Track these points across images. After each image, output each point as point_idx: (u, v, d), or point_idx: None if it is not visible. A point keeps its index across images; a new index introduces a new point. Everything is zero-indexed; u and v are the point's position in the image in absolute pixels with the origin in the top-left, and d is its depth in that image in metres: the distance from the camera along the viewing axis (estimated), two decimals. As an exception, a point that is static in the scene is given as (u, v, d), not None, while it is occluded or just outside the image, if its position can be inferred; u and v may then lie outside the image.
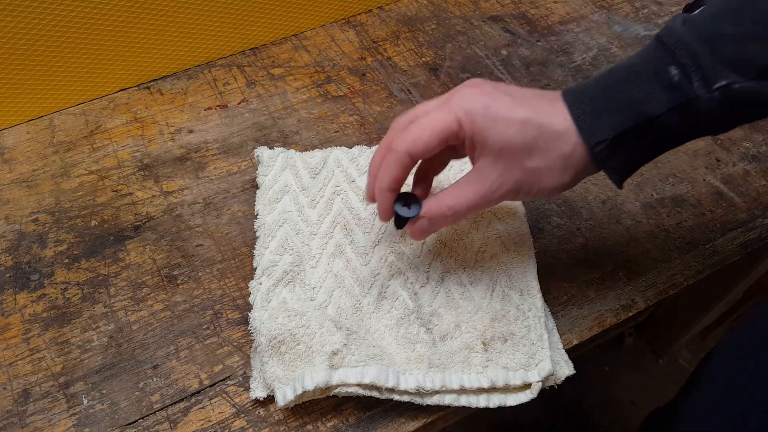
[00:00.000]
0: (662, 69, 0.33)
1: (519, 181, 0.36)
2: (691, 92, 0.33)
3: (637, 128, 0.34)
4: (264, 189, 0.50)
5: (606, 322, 0.46)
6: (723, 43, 0.32)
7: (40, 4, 0.51)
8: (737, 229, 0.52)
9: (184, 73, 0.63)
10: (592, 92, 0.35)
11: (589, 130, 0.35)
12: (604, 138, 0.34)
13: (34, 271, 0.48)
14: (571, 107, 0.35)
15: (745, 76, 0.32)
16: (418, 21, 0.69)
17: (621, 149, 0.35)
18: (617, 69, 0.36)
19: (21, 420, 0.41)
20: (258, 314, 0.43)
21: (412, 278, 0.46)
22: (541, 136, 0.35)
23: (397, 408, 0.41)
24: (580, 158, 0.35)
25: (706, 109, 0.33)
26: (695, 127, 0.34)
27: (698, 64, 0.32)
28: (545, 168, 0.36)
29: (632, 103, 0.34)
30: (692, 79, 0.32)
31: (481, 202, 0.37)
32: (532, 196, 0.37)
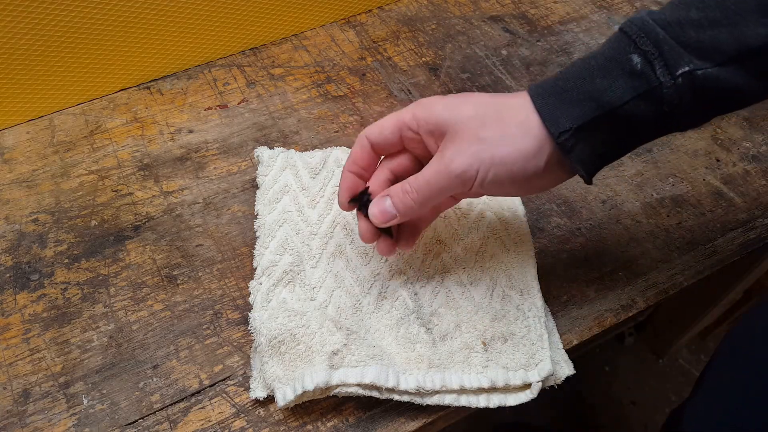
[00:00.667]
0: (624, 57, 0.33)
1: (475, 151, 0.35)
2: (654, 80, 0.32)
3: (602, 118, 0.33)
4: (264, 189, 0.50)
5: (606, 322, 0.46)
6: (687, 29, 0.31)
7: (40, 4, 0.51)
8: (737, 229, 0.52)
9: (184, 73, 0.63)
10: (554, 83, 0.35)
11: (552, 120, 0.34)
12: (568, 127, 0.34)
13: (34, 271, 0.48)
14: (534, 97, 0.35)
15: (709, 62, 0.31)
16: (418, 21, 0.69)
17: (586, 140, 0.34)
18: (580, 61, 0.35)
19: (21, 420, 0.41)
20: (258, 314, 0.43)
21: (412, 278, 0.46)
22: (495, 109, 0.35)
23: (397, 408, 0.41)
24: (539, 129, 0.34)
25: (671, 97, 0.32)
26: (662, 118, 0.34)
27: (660, 50, 0.32)
28: (501, 136, 0.35)
29: (595, 92, 0.33)
30: (655, 66, 0.32)
31: (438, 178, 0.36)
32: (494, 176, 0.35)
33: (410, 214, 0.38)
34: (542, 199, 0.53)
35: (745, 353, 0.47)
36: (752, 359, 0.45)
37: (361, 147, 0.39)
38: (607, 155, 0.36)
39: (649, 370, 1.13)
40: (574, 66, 0.35)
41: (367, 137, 0.39)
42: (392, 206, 0.38)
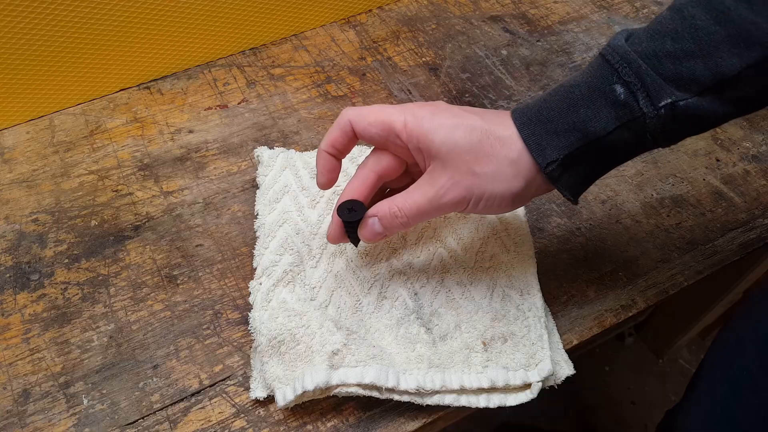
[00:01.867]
0: (608, 87, 0.34)
1: (469, 186, 0.36)
2: (637, 110, 0.33)
3: (587, 147, 0.34)
4: (264, 189, 0.51)
5: (606, 322, 0.46)
6: (665, 61, 0.32)
7: (40, 4, 0.51)
8: (737, 229, 0.52)
9: (184, 73, 0.63)
10: (539, 112, 0.36)
11: (539, 151, 0.35)
12: (555, 158, 0.35)
13: (34, 271, 0.48)
14: (520, 127, 0.36)
15: (688, 93, 0.32)
16: (418, 21, 0.69)
17: (572, 168, 0.35)
18: (563, 88, 0.36)
19: (21, 420, 0.40)
20: (258, 314, 0.43)
21: (412, 278, 0.46)
22: (486, 140, 0.35)
23: (397, 408, 0.41)
24: (529, 168, 0.35)
25: (654, 126, 0.33)
26: (644, 142, 0.35)
27: (642, 82, 0.32)
28: (494, 173, 0.35)
29: (580, 123, 0.34)
30: (638, 97, 0.33)
31: (430, 207, 0.37)
32: (483, 206, 0.37)
33: (396, 233, 0.39)
34: (542, 199, 0.53)
35: (735, 356, 0.47)
36: (743, 361, 0.45)
37: (342, 132, 0.38)
38: (591, 177, 0.37)
39: (649, 370, 1.13)
40: (558, 93, 0.36)
41: (351, 125, 0.38)
42: (381, 227, 0.38)
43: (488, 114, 0.37)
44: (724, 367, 0.48)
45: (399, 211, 0.37)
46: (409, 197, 0.37)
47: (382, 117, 0.37)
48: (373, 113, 0.37)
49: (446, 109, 0.37)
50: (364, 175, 0.40)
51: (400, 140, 0.37)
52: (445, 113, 0.36)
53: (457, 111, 0.37)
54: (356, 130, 0.38)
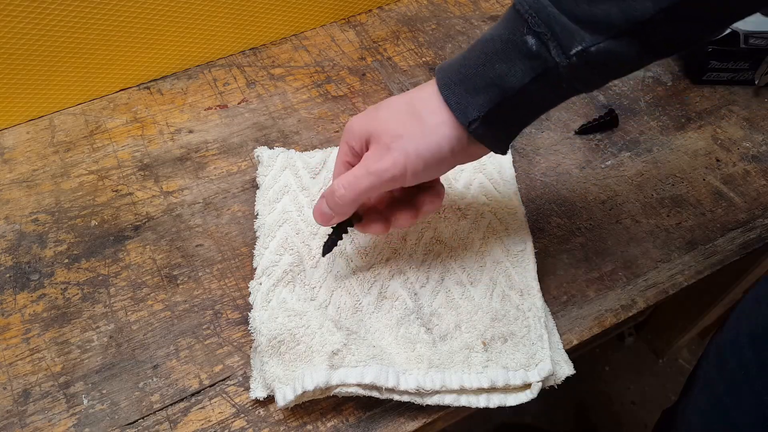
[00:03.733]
0: (520, 39, 0.33)
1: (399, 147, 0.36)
2: (550, 60, 0.33)
3: (506, 102, 0.35)
4: (264, 189, 0.50)
5: (606, 322, 0.46)
6: (582, 3, 0.32)
7: (40, 4, 0.51)
8: (737, 229, 0.52)
9: (184, 73, 0.63)
10: (459, 71, 0.36)
11: (460, 111, 0.35)
12: (476, 117, 0.35)
13: (34, 271, 0.48)
14: (441, 88, 0.36)
15: (602, 36, 0.32)
16: (418, 21, 0.69)
17: (495, 123, 0.36)
18: (480, 43, 0.36)
19: (21, 420, 0.40)
20: (258, 314, 0.43)
21: (412, 278, 0.46)
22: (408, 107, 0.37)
23: (397, 408, 0.41)
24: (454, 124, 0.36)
25: (567, 74, 0.33)
26: (563, 90, 0.35)
27: (552, 30, 0.32)
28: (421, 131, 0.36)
29: (497, 78, 0.34)
30: (549, 47, 0.33)
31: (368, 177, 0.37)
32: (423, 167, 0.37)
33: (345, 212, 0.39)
34: (542, 200, 0.53)
35: (732, 355, 0.47)
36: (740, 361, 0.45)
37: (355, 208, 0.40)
38: (516, 129, 0.38)
39: (649, 370, 1.13)
40: (475, 49, 0.36)
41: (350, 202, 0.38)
42: (327, 207, 0.39)
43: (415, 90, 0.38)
44: (721, 366, 0.48)
45: (341, 186, 0.38)
46: (349, 173, 0.38)
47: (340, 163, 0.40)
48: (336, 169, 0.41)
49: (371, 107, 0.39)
50: None
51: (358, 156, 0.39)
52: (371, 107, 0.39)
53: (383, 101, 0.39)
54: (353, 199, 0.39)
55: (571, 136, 0.58)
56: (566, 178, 0.55)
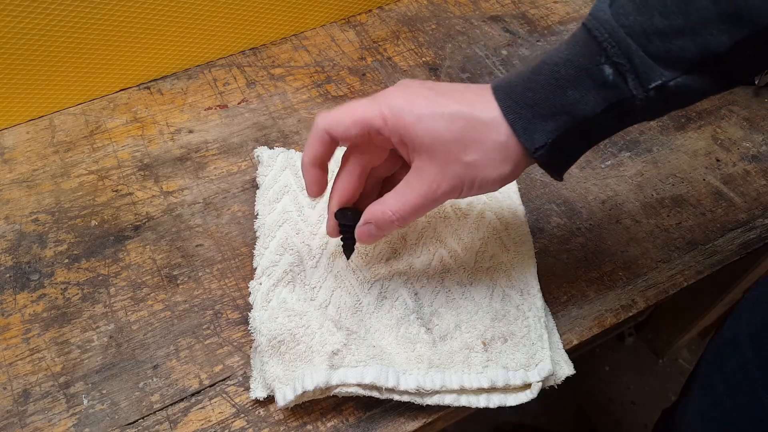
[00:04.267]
0: (596, 68, 0.32)
1: (460, 175, 0.35)
2: (626, 92, 0.32)
3: (575, 129, 0.34)
4: (264, 189, 0.51)
5: (606, 322, 0.46)
6: (654, 39, 0.31)
7: (40, 4, 0.51)
8: (737, 229, 0.52)
9: (184, 73, 0.63)
10: (524, 94, 0.34)
11: (527, 136, 0.34)
12: (543, 143, 0.34)
13: (34, 271, 0.48)
14: (506, 111, 0.35)
15: (676, 71, 0.32)
16: (418, 21, 0.69)
17: (560, 149, 0.35)
18: (548, 66, 0.34)
19: (21, 420, 0.40)
20: (258, 314, 0.43)
21: (412, 278, 0.46)
22: (470, 127, 0.34)
23: (397, 408, 0.41)
24: (517, 151, 0.35)
25: (642, 106, 0.33)
26: (631, 119, 0.34)
27: (632, 63, 0.32)
28: (483, 160, 0.35)
29: (568, 105, 0.33)
30: (627, 78, 0.32)
31: (425, 203, 0.36)
32: (476, 191, 0.36)
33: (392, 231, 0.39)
34: (542, 200, 0.53)
35: (732, 355, 0.47)
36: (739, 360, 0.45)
37: (321, 143, 0.37)
38: (577, 155, 0.37)
39: (649, 370, 1.13)
40: (542, 72, 0.34)
41: (328, 133, 0.37)
42: (377, 231, 0.38)
43: (467, 93, 0.36)
44: (720, 365, 0.48)
45: (393, 214, 0.37)
46: (402, 197, 0.37)
47: (357, 117, 0.36)
48: (348, 115, 0.36)
49: (421, 94, 0.35)
50: (350, 170, 0.39)
51: (383, 135, 0.36)
52: (423, 101, 0.35)
53: (433, 97, 0.35)
54: (335, 137, 0.37)
55: (571, 136, 0.58)
56: (566, 178, 0.55)
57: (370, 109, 0.35)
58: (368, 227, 0.38)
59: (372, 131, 0.36)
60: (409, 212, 0.37)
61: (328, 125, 0.37)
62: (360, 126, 0.36)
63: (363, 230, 0.39)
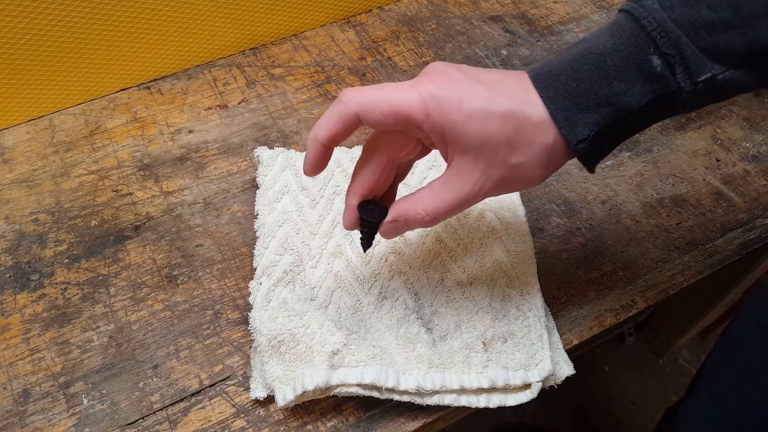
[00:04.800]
0: (643, 59, 0.31)
1: (503, 178, 0.34)
2: (673, 84, 0.31)
3: (618, 121, 0.33)
4: (264, 189, 0.51)
5: (606, 322, 0.46)
6: (702, 32, 0.31)
7: (40, 4, 0.51)
8: (737, 229, 0.52)
9: (184, 73, 0.63)
10: (568, 84, 0.33)
11: (569, 128, 0.33)
12: (586, 135, 0.33)
13: (34, 271, 0.48)
14: (547, 101, 0.33)
15: (724, 65, 0.31)
16: (418, 21, 0.69)
17: (601, 142, 0.34)
18: (593, 56, 0.33)
19: (21, 420, 0.40)
20: (258, 314, 0.43)
21: (412, 278, 0.46)
22: (521, 129, 0.33)
23: (397, 408, 0.41)
24: (561, 148, 0.34)
25: (688, 98, 0.32)
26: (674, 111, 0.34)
27: (682, 54, 0.31)
28: (529, 162, 0.33)
29: (612, 97, 0.32)
30: (675, 70, 0.31)
31: (462, 204, 0.35)
32: (512, 190, 0.36)
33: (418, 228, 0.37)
34: (542, 200, 0.53)
35: (740, 352, 0.47)
36: (747, 358, 0.45)
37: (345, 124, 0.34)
38: (613, 147, 0.36)
39: (649, 370, 1.13)
40: (587, 62, 0.33)
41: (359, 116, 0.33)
42: (405, 227, 0.36)
43: (509, 85, 0.34)
44: (728, 363, 0.47)
45: (427, 214, 0.35)
46: (438, 197, 0.34)
47: (395, 106, 0.33)
48: (385, 101, 0.33)
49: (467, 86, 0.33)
50: (377, 162, 0.36)
51: (421, 130, 0.33)
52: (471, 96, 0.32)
53: (480, 90, 0.33)
54: (366, 122, 0.34)
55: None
56: (566, 178, 0.55)
57: (410, 98, 0.33)
58: (396, 225, 0.36)
59: (410, 125, 0.33)
60: (444, 213, 0.35)
61: (361, 108, 0.33)
62: (397, 118, 0.33)
63: (390, 227, 0.37)
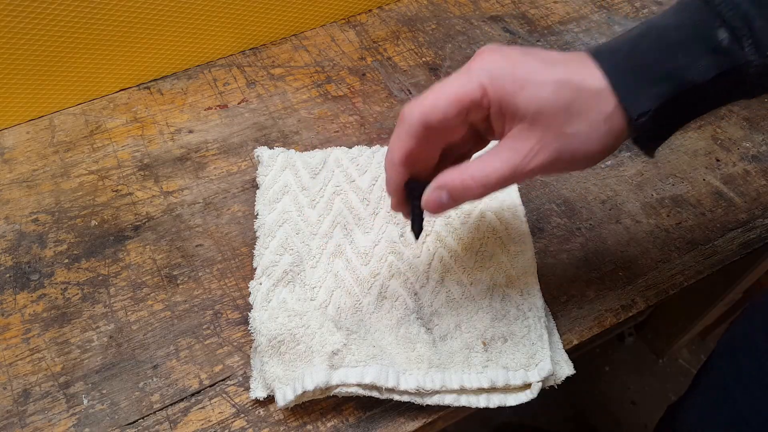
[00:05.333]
0: (709, 32, 0.30)
1: (559, 149, 0.32)
2: (740, 58, 0.30)
3: (681, 96, 0.31)
4: (264, 189, 0.51)
5: (606, 322, 0.46)
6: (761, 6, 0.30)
7: (40, 4, 0.51)
8: (737, 229, 0.52)
9: (184, 73, 0.63)
10: (629, 57, 0.32)
11: (630, 101, 0.31)
12: (648, 109, 0.31)
13: (34, 271, 0.48)
14: (609, 73, 0.32)
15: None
16: (418, 21, 0.69)
17: (662, 119, 0.32)
18: (655, 30, 0.32)
19: (21, 420, 0.40)
20: (258, 314, 0.43)
21: (412, 278, 0.46)
22: (578, 97, 0.31)
23: (397, 408, 0.41)
24: (620, 122, 0.32)
25: (757, 73, 0.31)
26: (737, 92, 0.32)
27: (750, 26, 0.30)
28: (587, 132, 0.32)
29: (676, 71, 0.31)
30: (743, 43, 0.30)
31: (512, 175, 0.32)
32: (568, 167, 0.33)
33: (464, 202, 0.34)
34: (542, 200, 0.53)
35: (744, 350, 0.46)
36: (751, 357, 0.45)
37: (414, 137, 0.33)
38: (673, 129, 0.34)
39: (649, 370, 1.13)
40: (649, 36, 0.32)
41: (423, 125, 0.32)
42: (449, 199, 0.34)
43: (570, 61, 0.33)
44: (732, 361, 0.47)
45: (474, 182, 0.33)
46: (487, 166, 0.33)
47: (453, 95, 0.32)
48: (442, 97, 0.32)
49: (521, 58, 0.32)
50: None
51: (482, 108, 0.32)
52: (525, 65, 0.32)
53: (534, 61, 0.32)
54: (432, 125, 0.33)
55: (571, 136, 0.58)
56: (566, 178, 0.55)
57: (466, 83, 0.32)
58: (439, 193, 0.34)
59: (472, 107, 0.32)
60: (493, 183, 0.33)
61: (424, 116, 0.32)
62: (459, 106, 0.32)
63: (433, 196, 0.34)
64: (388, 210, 0.49)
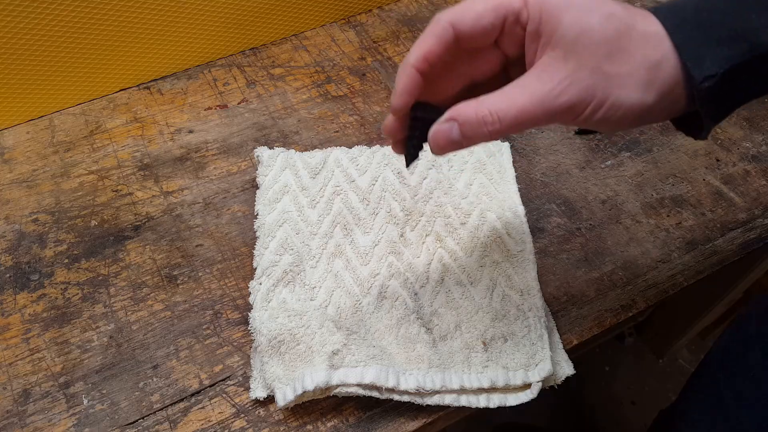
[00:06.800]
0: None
1: (592, 87, 0.28)
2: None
3: (754, 61, 0.28)
4: (264, 189, 0.51)
5: (606, 322, 0.46)
6: None
7: (40, 4, 0.51)
8: (737, 229, 0.52)
9: (184, 73, 0.63)
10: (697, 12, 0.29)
11: (695, 61, 0.28)
12: (715, 72, 0.28)
13: (34, 271, 0.48)
14: (672, 29, 0.28)
15: None
16: (418, 21, 0.69)
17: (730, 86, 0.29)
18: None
19: (21, 420, 0.40)
20: (258, 314, 0.43)
21: (411, 278, 0.46)
22: (626, 33, 0.28)
23: (397, 408, 0.41)
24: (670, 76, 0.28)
25: None
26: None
27: None
28: (626, 76, 0.28)
29: (749, 31, 0.28)
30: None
31: (535, 112, 0.28)
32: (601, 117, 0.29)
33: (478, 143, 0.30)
34: (542, 200, 0.53)
35: (739, 355, 0.46)
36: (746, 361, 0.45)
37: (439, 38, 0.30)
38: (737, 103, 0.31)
39: (649, 370, 1.13)
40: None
41: (453, 25, 0.29)
42: (459, 135, 0.30)
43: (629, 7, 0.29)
44: (727, 368, 0.47)
45: (490, 115, 0.29)
46: (508, 97, 0.29)
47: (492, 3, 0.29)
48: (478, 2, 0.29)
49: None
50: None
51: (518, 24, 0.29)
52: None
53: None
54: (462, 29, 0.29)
55: (571, 136, 0.58)
56: (566, 178, 0.55)
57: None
58: (450, 126, 0.30)
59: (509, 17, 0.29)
60: (513, 119, 0.29)
61: (454, 16, 0.29)
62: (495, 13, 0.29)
63: (442, 129, 0.30)
64: (388, 210, 0.49)
